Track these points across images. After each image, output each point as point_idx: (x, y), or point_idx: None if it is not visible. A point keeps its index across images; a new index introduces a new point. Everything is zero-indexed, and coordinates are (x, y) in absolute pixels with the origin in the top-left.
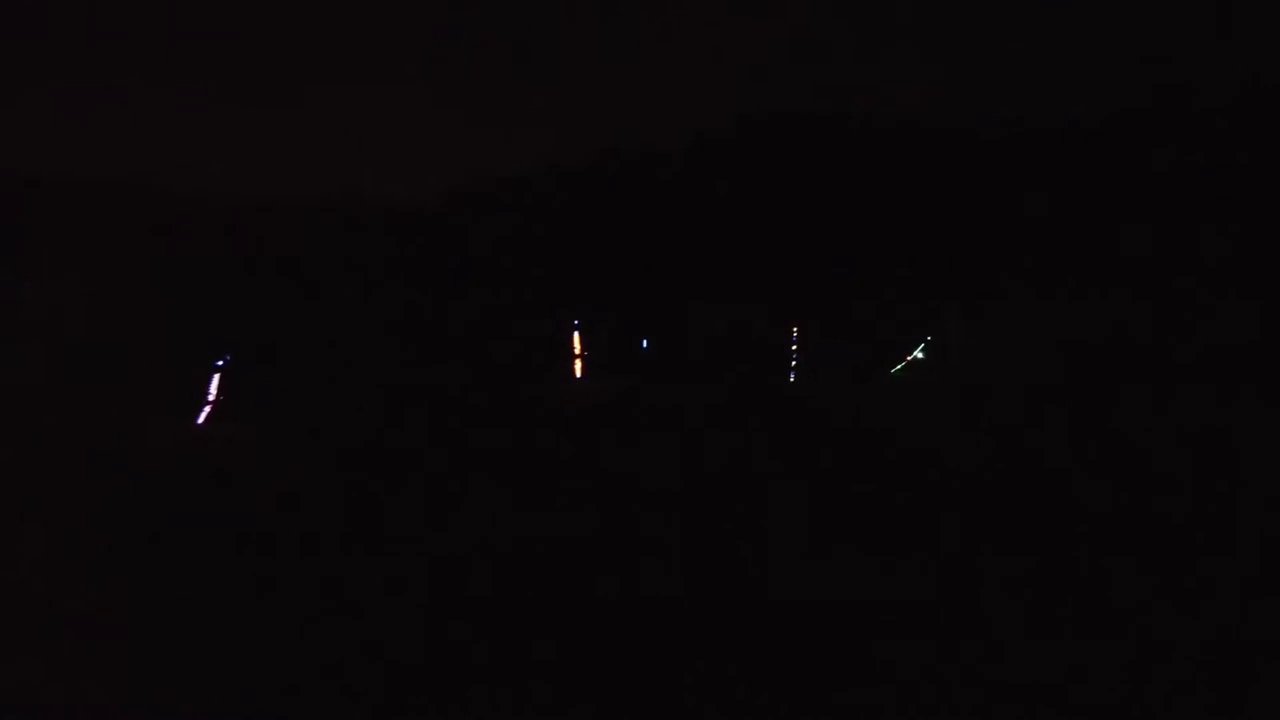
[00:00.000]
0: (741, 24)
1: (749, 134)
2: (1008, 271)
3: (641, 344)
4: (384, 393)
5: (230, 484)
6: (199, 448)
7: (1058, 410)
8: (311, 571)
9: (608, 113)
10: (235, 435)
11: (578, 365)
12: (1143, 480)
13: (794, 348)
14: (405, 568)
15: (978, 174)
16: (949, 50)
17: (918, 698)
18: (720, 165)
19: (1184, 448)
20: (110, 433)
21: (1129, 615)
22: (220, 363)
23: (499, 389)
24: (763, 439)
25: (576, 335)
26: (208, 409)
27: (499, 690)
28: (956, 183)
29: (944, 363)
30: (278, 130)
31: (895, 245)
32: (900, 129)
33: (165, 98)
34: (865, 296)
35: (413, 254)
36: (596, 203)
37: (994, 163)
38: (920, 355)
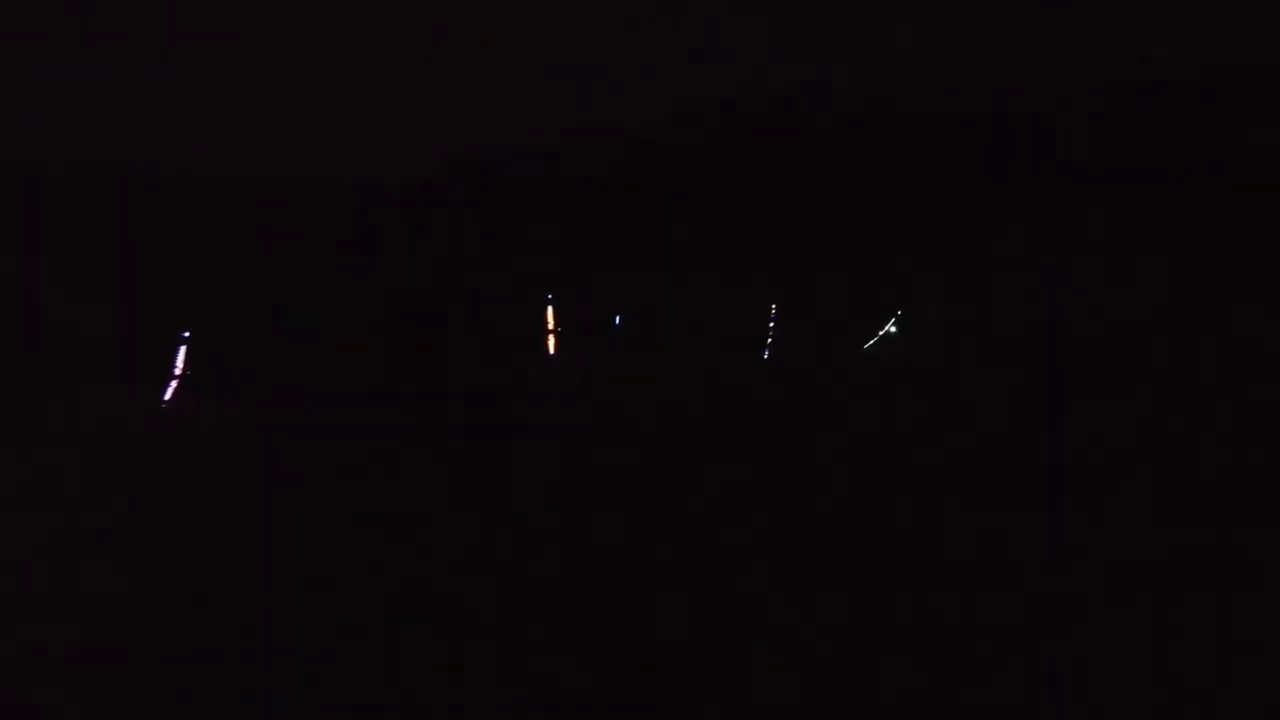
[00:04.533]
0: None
1: (728, 117)
2: (990, 257)
3: (615, 320)
4: (357, 371)
5: (202, 463)
6: (170, 427)
7: (1036, 396)
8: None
9: (590, 92)
10: (205, 413)
11: (551, 341)
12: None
13: (770, 325)
14: (386, 553)
15: (970, 167)
16: (944, 46)
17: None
18: (701, 148)
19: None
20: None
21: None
22: (184, 335)
23: (473, 364)
24: (737, 415)
25: (550, 311)
26: (174, 384)
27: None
28: (946, 172)
29: (918, 342)
30: (252, 107)
31: (874, 226)
32: (887, 118)
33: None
34: (841, 274)
35: (387, 232)
36: (571, 180)
37: (988, 156)
38: (893, 330)
